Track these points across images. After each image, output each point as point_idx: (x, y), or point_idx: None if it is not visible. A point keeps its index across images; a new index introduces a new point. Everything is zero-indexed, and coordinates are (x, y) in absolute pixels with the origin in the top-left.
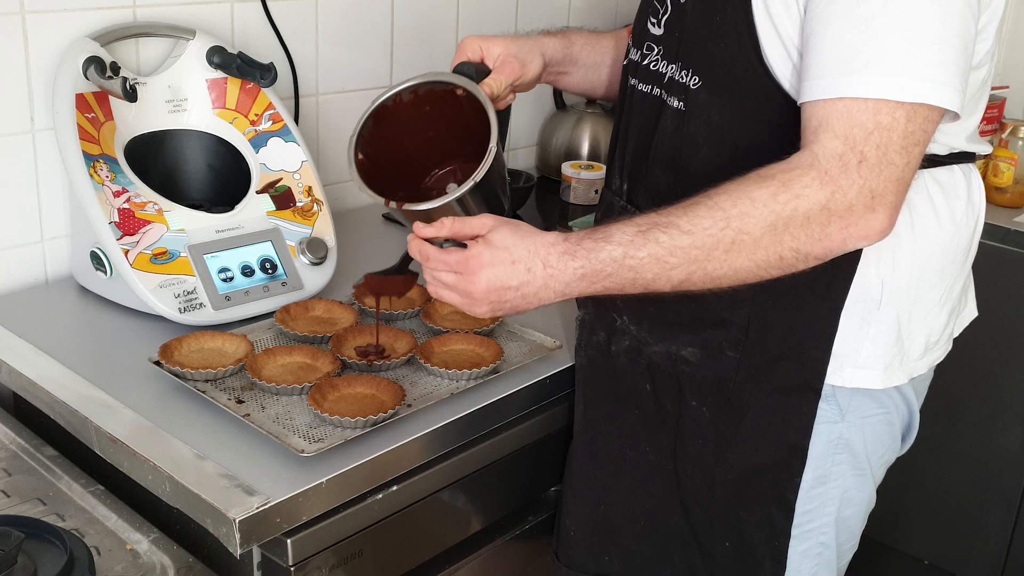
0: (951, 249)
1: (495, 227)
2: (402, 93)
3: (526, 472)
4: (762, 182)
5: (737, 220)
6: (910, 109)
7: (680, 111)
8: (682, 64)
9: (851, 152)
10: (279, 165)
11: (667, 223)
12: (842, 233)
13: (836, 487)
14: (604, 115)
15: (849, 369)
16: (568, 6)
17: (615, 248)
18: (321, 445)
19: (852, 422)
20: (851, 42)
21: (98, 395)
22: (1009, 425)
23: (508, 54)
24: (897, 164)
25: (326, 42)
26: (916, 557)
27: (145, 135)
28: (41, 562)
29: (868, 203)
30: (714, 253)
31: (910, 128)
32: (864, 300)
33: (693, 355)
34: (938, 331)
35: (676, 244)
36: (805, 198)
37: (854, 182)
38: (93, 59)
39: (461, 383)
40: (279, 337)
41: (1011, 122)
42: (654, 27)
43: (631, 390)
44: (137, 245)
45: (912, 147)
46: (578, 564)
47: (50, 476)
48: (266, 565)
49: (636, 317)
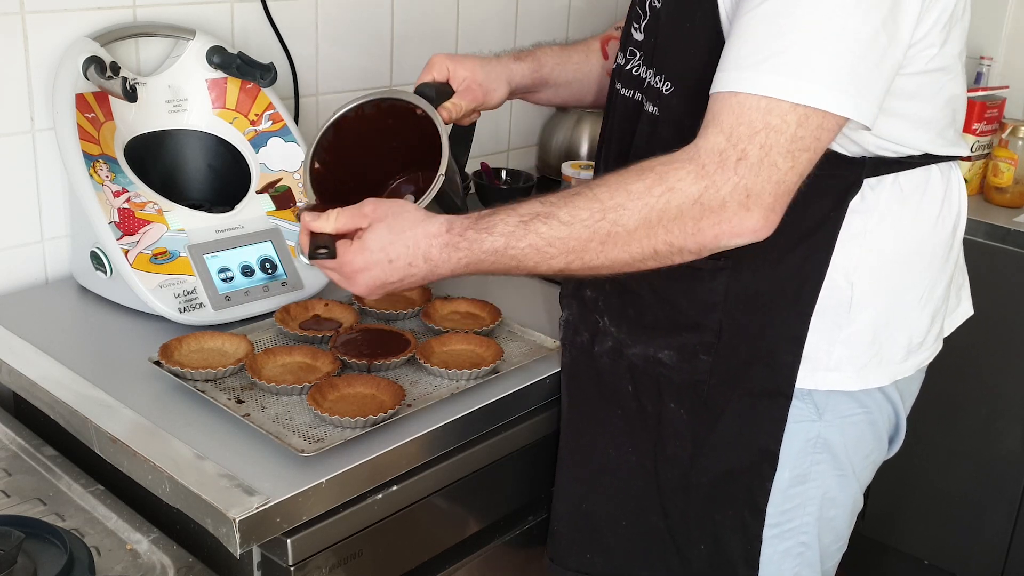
0: (927, 250)
1: (373, 223)
2: (364, 106)
3: (526, 472)
4: (641, 174)
5: (612, 212)
6: (803, 113)
7: (654, 116)
8: (656, 69)
9: (732, 149)
10: (279, 165)
11: (547, 214)
12: (714, 229)
13: (816, 487)
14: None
15: (821, 372)
16: (568, 6)
17: (497, 239)
18: (321, 445)
19: (830, 421)
20: (756, 36)
21: (98, 395)
22: (1009, 425)
23: (473, 80)
24: (779, 167)
25: (326, 42)
26: (916, 557)
27: (145, 135)
28: (41, 562)
29: (742, 201)
30: (590, 245)
31: (800, 133)
32: (835, 304)
33: (669, 358)
34: (921, 332)
35: (555, 235)
36: (679, 192)
37: (729, 179)
38: (93, 59)
39: (461, 383)
40: (279, 337)
41: (1011, 122)
42: (636, 32)
43: (614, 391)
44: (137, 245)
45: (800, 152)
46: (562, 561)
47: (50, 476)
48: (266, 565)
49: (617, 319)
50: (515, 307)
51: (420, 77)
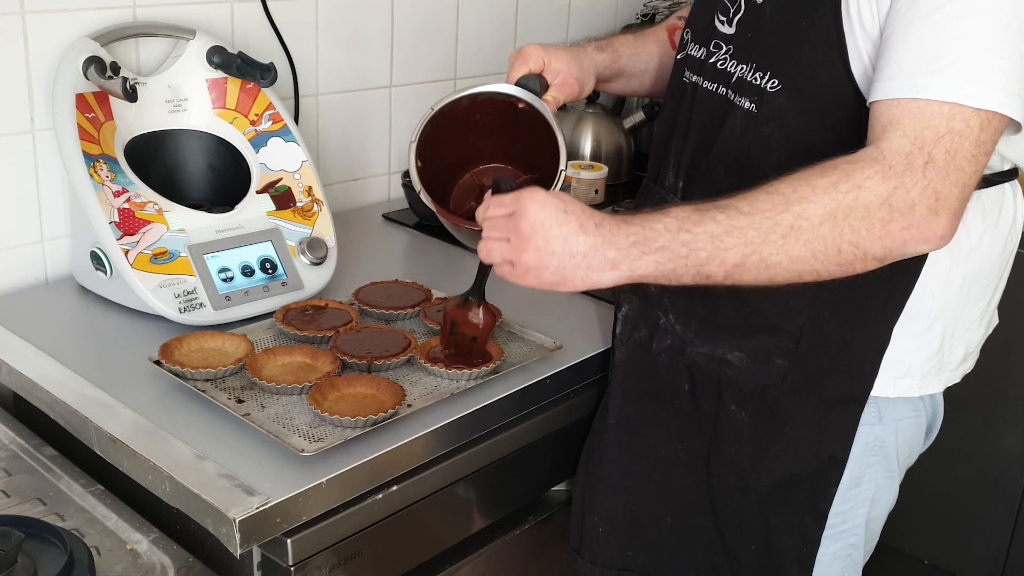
0: (996, 265)
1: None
2: (461, 100)
3: (526, 472)
4: (824, 171)
5: (796, 205)
6: (985, 117)
7: (751, 113)
8: (756, 66)
9: (919, 152)
10: (279, 165)
11: (725, 204)
12: (903, 233)
13: (868, 488)
14: (604, 115)
15: (893, 380)
16: (568, 6)
17: (671, 220)
18: (321, 445)
19: (888, 424)
20: (930, 44)
21: (98, 395)
22: (1009, 425)
23: (569, 74)
24: (965, 171)
25: (326, 42)
26: (916, 557)
27: (145, 135)
28: (41, 562)
29: (932, 205)
30: (771, 236)
31: (983, 137)
32: (915, 314)
33: (739, 359)
34: (976, 343)
35: (733, 224)
36: (867, 189)
37: (918, 181)
38: (93, 59)
39: (461, 383)
40: (279, 337)
41: None
42: (723, 25)
43: (669, 389)
44: (137, 245)
45: (982, 156)
46: (602, 559)
47: (50, 476)
48: (266, 565)
49: (683, 316)
50: (515, 307)
51: (514, 68)
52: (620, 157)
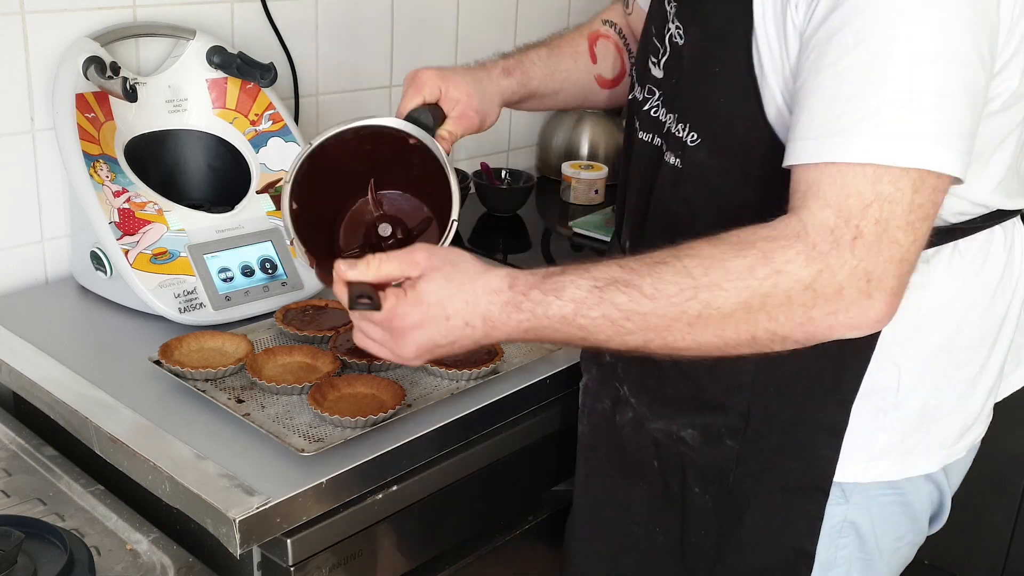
0: (986, 324)
1: (427, 272)
2: (344, 133)
3: (526, 472)
4: (740, 250)
5: (707, 291)
6: (916, 177)
7: (677, 169)
8: (678, 116)
9: (844, 225)
10: (279, 165)
11: (628, 282)
12: (828, 320)
13: (842, 573)
14: (604, 115)
15: (863, 463)
16: (568, 6)
17: (565, 305)
18: (321, 445)
19: (858, 504)
20: (842, 95)
21: (98, 395)
22: (1009, 425)
23: (468, 106)
24: (901, 243)
25: (326, 42)
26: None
27: (145, 135)
28: (41, 562)
29: (862, 287)
30: (676, 324)
31: (918, 199)
32: (880, 390)
33: (692, 438)
34: (975, 411)
35: (635, 309)
36: (787, 274)
37: (846, 261)
38: (93, 59)
39: (461, 383)
40: (279, 337)
41: None
42: (655, 68)
43: (637, 465)
44: (137, 245)
45: (919, 222)
46: None
47: (50, 476)
48: (266, 565)
49: (636, 389)
50: None
51: (407, 96)
52: (620, 157)
